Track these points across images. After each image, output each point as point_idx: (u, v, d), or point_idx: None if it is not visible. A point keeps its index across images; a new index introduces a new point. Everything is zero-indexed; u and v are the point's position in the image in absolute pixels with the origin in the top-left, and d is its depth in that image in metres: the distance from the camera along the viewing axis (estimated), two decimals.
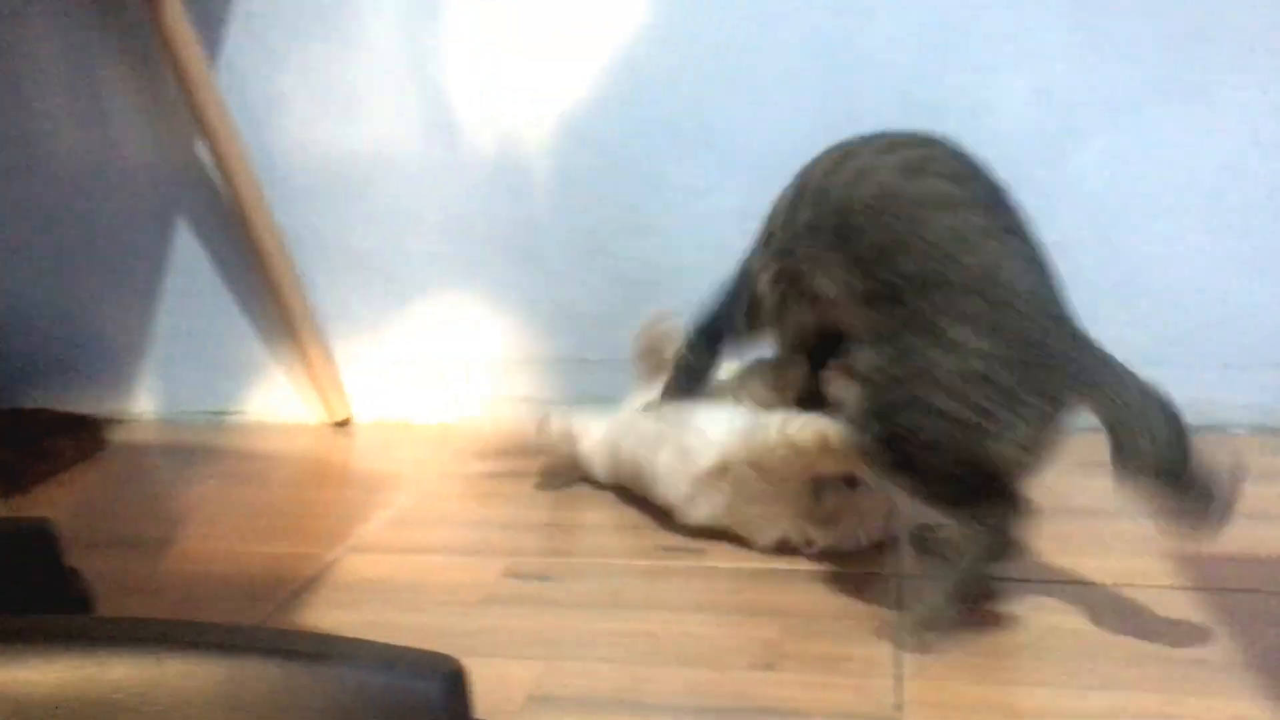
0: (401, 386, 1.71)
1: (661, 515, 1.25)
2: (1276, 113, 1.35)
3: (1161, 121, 1.37)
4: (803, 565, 1.12)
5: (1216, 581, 1.05)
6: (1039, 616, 1.00)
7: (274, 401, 1.76)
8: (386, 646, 0.71)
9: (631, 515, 1.28)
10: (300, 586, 1.15)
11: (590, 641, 1.00)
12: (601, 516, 1.29)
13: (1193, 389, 1.46)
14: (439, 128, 1.56)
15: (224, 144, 1.55)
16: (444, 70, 1.54)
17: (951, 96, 1.40)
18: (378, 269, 1.65)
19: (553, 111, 1.52)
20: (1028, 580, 1.07)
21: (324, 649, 0.67)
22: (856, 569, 1.11)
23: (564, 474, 1.38)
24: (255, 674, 0.63)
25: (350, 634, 1.03)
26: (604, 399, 1.40)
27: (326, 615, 1.08)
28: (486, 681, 0.94)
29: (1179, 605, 1.01)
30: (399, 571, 1.18)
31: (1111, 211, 1.42)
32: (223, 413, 1.78)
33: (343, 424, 1.72)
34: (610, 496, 1.33)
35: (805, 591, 1.07)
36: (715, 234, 1.50)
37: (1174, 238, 1.41)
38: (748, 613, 1.04)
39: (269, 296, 1.65)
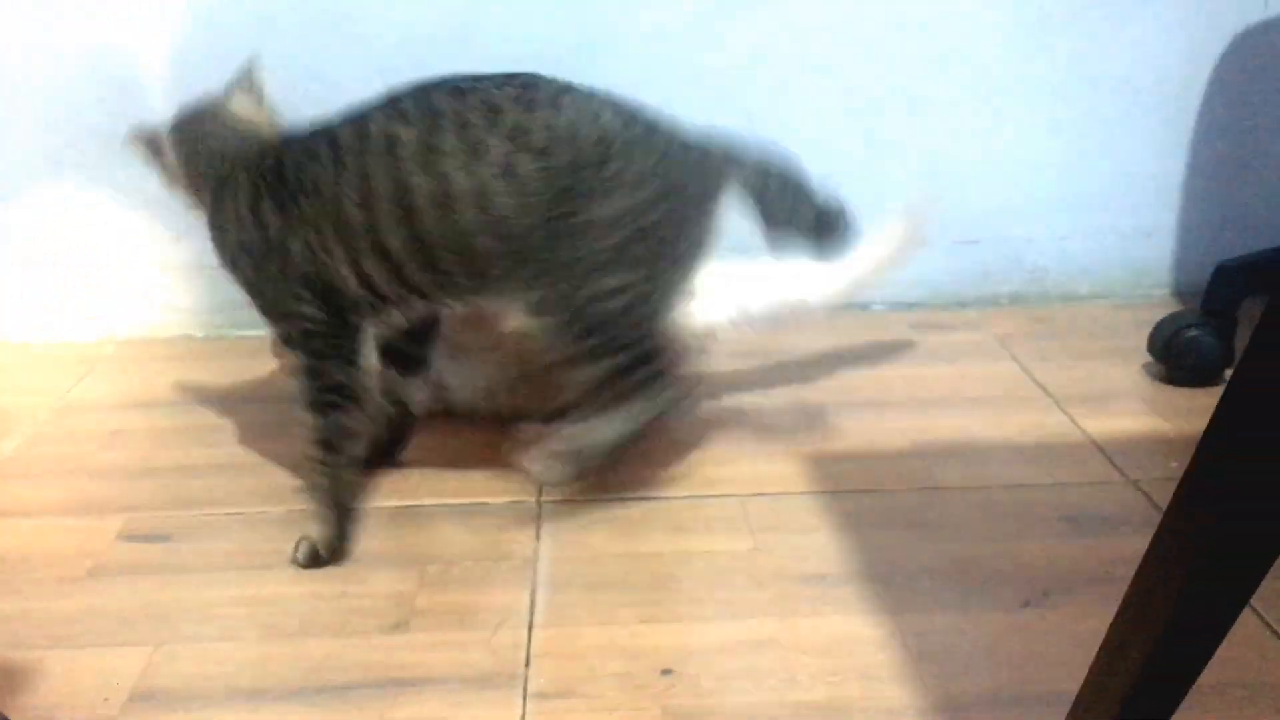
0: (13, 299, 1.50)
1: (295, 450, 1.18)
2: None
3: None
4: (448, 499, 1.09)
5: (840, 483, 1.10)
6: (671, 540, 1.02)
7: None
8: None
9: (266, 450, 1.19)
10: None
11: (209, 616, 0.93)
12: (234, 453, 1.19)
13: None
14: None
15: None
16: None
17: None
18: None
19: None
20: (667, 498, 1.08)
21: None
22: (501, 498, 1.09)
23: None
24: None
25: None
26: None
27: None
28: (82, 678, 0.86)
29: (807, 512, 1.06)
30: None
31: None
32: None
33: None
34: (245, 423, 1.24)
35: (445, 530, 1.04)
36: None
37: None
38: (383, 562, 0.99)
39: None
